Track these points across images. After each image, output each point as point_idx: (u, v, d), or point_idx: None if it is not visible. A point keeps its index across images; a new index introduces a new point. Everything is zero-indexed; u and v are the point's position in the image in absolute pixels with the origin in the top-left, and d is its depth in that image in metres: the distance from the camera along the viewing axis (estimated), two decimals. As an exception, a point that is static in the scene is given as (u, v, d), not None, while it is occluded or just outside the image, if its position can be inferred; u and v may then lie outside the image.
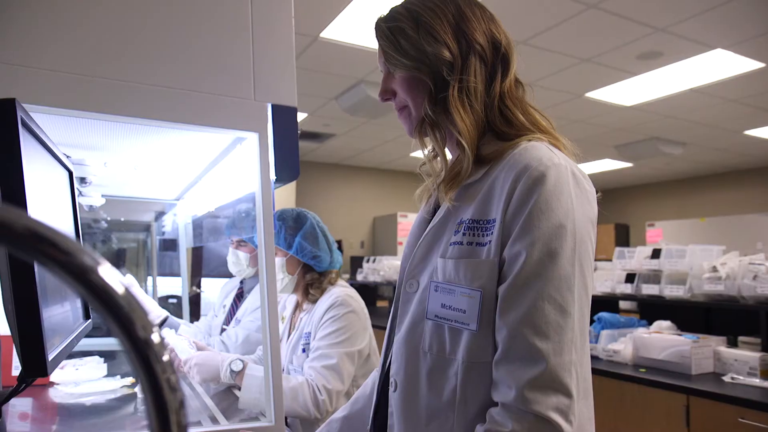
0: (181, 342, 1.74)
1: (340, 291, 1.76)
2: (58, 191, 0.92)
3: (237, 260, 2.13)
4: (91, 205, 2.13)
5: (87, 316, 1.00)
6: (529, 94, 0.99)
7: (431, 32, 0.90)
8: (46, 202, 0.79)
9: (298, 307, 1.87)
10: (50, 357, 0.65)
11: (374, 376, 1.17)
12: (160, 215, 3.23)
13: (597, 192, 0.92)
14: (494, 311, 0.82)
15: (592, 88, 5.05)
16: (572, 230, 0.81)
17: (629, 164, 8.30)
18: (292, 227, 1.79)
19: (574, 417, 0.76)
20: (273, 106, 1.33)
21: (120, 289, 0.25)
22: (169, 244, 3.22)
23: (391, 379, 0.94)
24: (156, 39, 1.20)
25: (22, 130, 0.66)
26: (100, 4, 1.16)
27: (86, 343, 2.45)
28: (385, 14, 0.98)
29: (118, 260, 3.60)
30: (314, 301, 1.78)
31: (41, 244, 0.24)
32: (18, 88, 1.05)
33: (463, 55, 0.91)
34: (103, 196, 2.15)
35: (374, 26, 0.98)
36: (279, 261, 1.77)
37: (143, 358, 0.24)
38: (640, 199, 10.18)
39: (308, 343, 1.70)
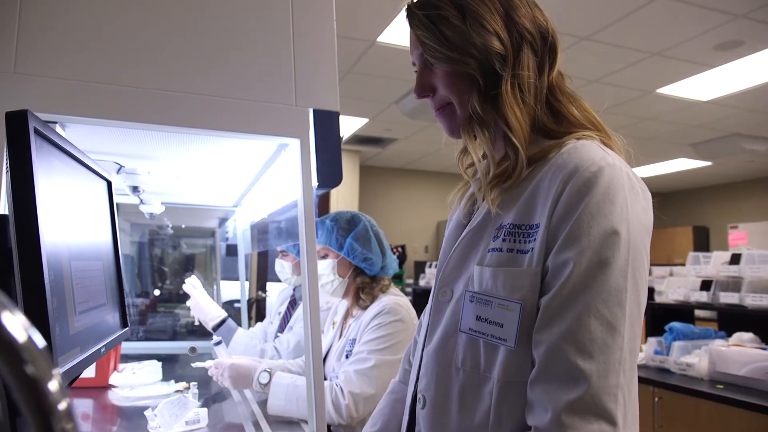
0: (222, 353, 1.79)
1: (390, 299, 1.72)
2: (92, 201, 0.93)
3: (282, 269, 2.16)
4: (151, 213, 2.20)
5: (124, 325, 1.00)
6: (568, 83, 0.91)
7: (479, 21, 0.82)
8: (73, 213, 0.79)
9: (348, 313, 1.85)
10: (63, 370, 0.64)
11: (401, 389, 1.12)
12: (223, 221, 3.32)
13: (652, 195, 0.83)
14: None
15: (664, 83, 4.77)
16: (626, 238, 0.73)
17: (707, 163, 7.80)
18: (344, 228, 1.78)
19: None
20: (315, 111, 1.31)
21: (21, 337, 0.23)
22: (232, 250, 3.30)
23: (419, 395, 0.89)
24: (196, 48, 1.21)
25: (40, 142, 0.65)
26: (142, 16, 1.17)
27: (146, 347, 2.54)
28: (417, 0, 0.89)
29: (187, 264, 3.74)
30: (364, 308, 1.75)
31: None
32: (60, 100, 1.08)
33: (515, 45, 0.83)
34: (163, 203, 2.22)
35: (406, 14, 0.90)
36: (330, 263, 1.76)
37: (39, 408, 0.21)
38: (720, 200, 9.56)
39: (351, 350, 1.68)
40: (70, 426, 0.21)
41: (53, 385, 0.22)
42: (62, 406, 0.21)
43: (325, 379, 1.67)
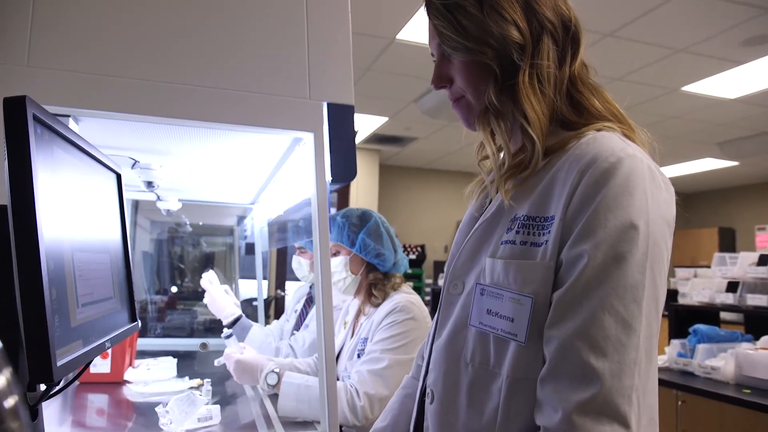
0: (232, 345, 1.77)
1: (402, 297, 1.70)
2: (99, 193, 0.92)
3: (299, 266, 2.14)
4: (168, 209, 2.20)
5: (132, 319, 0.99)
6: (592, 74, 0.87)
7: (497, 9, 0.79)
8: (77, 204, 0.78)
9: (360, 312, 1.83)
10: (62, 362, 0.62)
11: (413, 384, 1.10)
12: (241, 219, 3.32)
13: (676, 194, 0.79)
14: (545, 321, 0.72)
15: (689, 80, 4.66)
16: (645, 232, 0.69)
17: (734, 163, 7.62)
18: (356, 224, 1.76)
19: None
20: (329, 104, 1.29)
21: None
22: (251, 248, 3.30)
23: (428, 390, 0.86)
24: (210, 41, 1.20)
25: (41, 131, 0.64)
26: (156, 9, 1.17)
27: (163, 344, 2.55)
28: None
29: (206, 262, 3.75)
30: (376, 306, 1.73)
31: None
32: (73, 93, 1.08)
33: (535, 35, 0.80)
34: (180, 200, 2.22)
35: (425, 3, 0.88)
36: (342, 259, 1.74)
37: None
38: (747, 201, 9.33)
39: (363, 349, 1.65)
40: (16, 425, 0.19)
41: (2, 381, 0.20)
42: (8, 403, 0.19)
43: (337, 379, 1.65)
